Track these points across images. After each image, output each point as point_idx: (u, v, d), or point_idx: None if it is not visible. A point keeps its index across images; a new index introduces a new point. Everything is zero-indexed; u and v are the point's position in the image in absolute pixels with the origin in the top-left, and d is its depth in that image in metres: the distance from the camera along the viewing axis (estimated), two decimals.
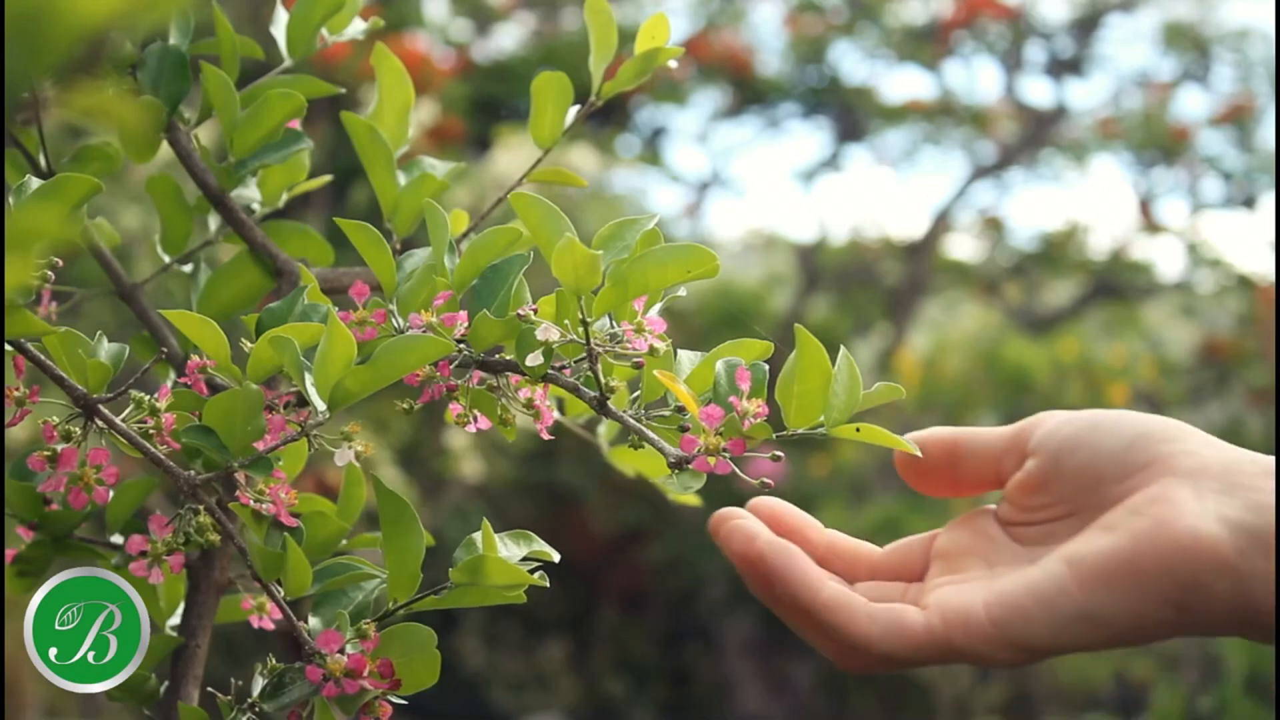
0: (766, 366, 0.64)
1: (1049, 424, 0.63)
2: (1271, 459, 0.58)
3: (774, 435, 0.62)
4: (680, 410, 0.65)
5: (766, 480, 0.63)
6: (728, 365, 0.63)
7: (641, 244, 0.64)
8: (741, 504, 0.66)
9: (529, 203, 0.63)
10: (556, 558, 0.67)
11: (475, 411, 0.68)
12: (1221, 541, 0.56)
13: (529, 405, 0.68)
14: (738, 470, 0.62)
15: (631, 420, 0.65)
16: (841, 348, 0.63)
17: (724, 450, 0.61)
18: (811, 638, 0.63)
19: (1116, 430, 0.60)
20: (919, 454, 0.64)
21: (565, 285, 0.62)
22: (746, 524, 0.63)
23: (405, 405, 0.68)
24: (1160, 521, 0.56)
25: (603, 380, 0.64)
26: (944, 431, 0.65)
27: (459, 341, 0.66)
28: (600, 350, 0.64)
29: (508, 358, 0.67)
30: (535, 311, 0.65)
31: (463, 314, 0.67)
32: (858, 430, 0.62)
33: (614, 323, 0.65)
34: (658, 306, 0.66)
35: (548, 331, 0.64)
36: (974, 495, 0.67)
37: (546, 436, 0.69)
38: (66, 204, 0.64)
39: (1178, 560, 0.56)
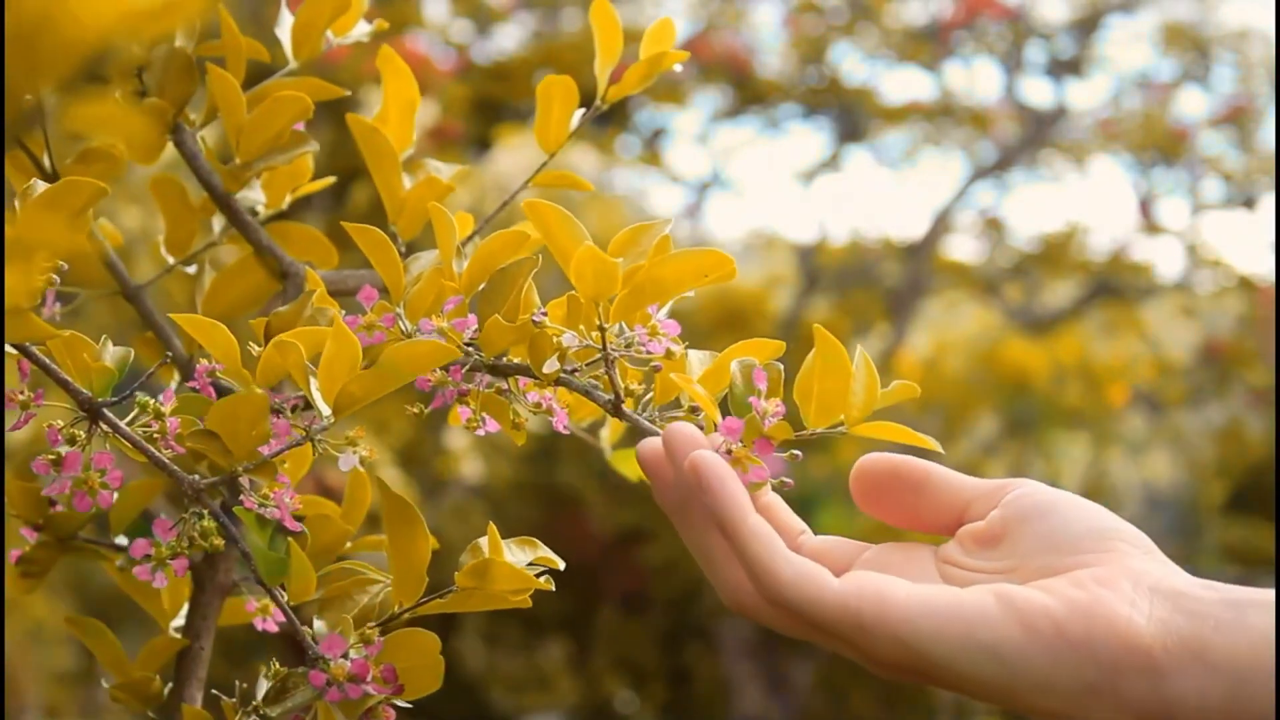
0: (782, 366, 0.63)
1: (1027, 486, 0.63)
2: (1223, 586, 0.58)
3: (794, 435, 0.62)
4: (694, 411, 0.65)
5: (786, 479, 0.63)
6: (743, 365, 0.63)
7: (656, 249, 0.64)
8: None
9: (544, 211, 0.63)
10: (562, 566, 0.67)
11: (484, 415, 0.68)
12: (1150, 637, 0.56)
13: (538, 407, 0.68)
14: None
15: (647, 423, 0.65)
16: (859, 347, 0.63)
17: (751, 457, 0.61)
18: (718, 561, 0.62)
19: (1088, 514, 0.61)
20: (941, 449, 0.63)
21: (584, 293, 0.62)
22: (693, 432, 0.61)
23: (415, 410, 0.68)
24: (1098, 600, 0.57)
25: (619, 384, 0.64)
26: (918, 462, 0.64)
27: (468, 345, 0.66)
28: (616, 355, 0.64)
29: (517, 361, 0.67)
30: (546, 316, 0.65)
31: (472, 318, 0.66)
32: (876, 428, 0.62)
33: (627, 327, 0.65)
34: (667, 309, 0.66)
35: (569, 338, 0.64)
36: (922, 531, 0.65)
37: (564, 430, 0.69)
38: (70, 210, 0.64)
39: (1103, 640, 0.56)
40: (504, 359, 0.67)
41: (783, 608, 0.59)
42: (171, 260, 0.84)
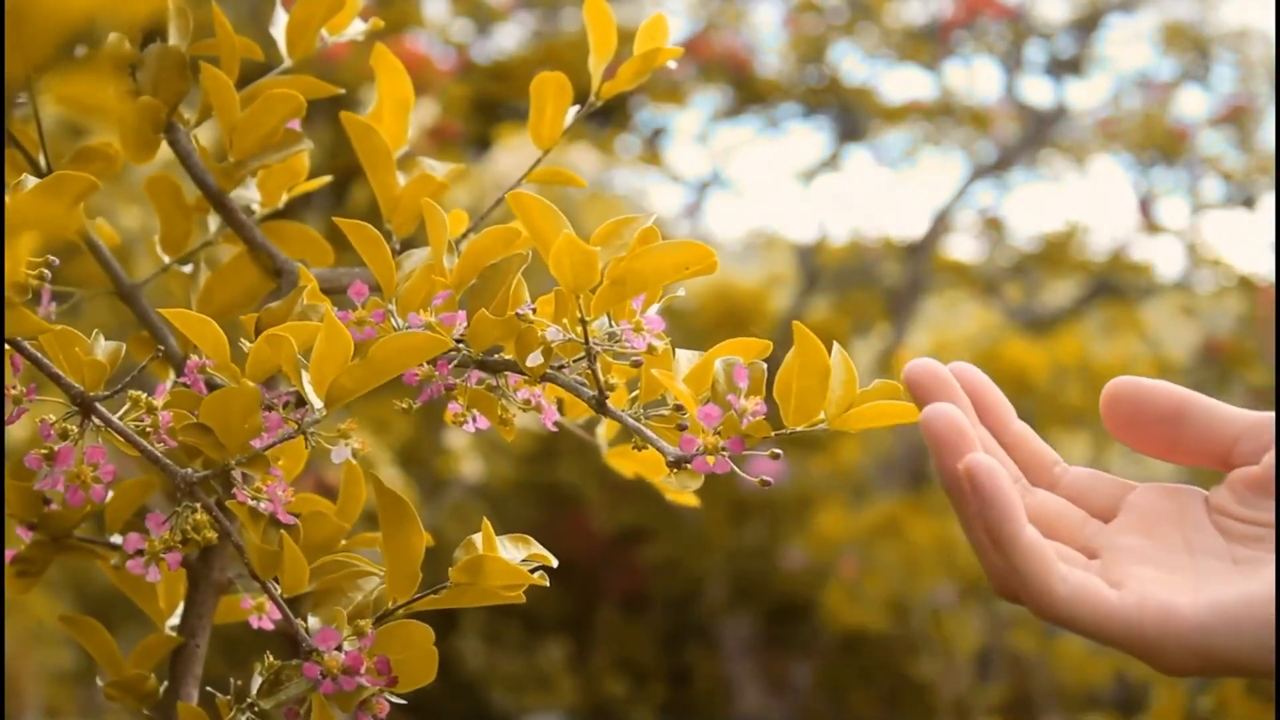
0: (765, 365, 0.64)
1: None
2: None
3: (773, 433, 0.62)
4: (679, 409, 0.65)
5: (767, 479, 0.63)
6: (726, 364, 0.63)
7: (639, 242, 0.64)
8: (740, 504, 0.65)
9: (526, 202, 0.63)
10: (555, 563, 0.67)
11: (474, 411, 0.68)
12: None
13: (527, 404, 0.68)
14: (737, 469, 0.62)
15: (630, 420, 0.65)
16: (835, 344, 0.63)
17: (723, 449, 0.61)
18: (987, 558, 0.60)
19: None
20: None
21: (563, 284, 0.62)
22: (961, 423, 0.59)
23: (405, 405, 0.68)
24: None
25: (602, 379, 0.64)
26: (1175, 388, 0.62)
27: (458, 341, 0.66)
28: (599, 349, 0.64)
29: (506, 357, 0.67)
30: (534, 311, 0.65)
31: (461, 313, 0.67)
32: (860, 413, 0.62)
33: (612, 321, 0.65)
34: (656, 305, 0.66)
35: (553, 332, 0.64)
36: (1189, 464, 0.63)
37: (552, 428, 0.69)
38: (64, 201, 0.64)
39: None
40: (496, 355, 0.67)
41: (1055, 615, 0.58)
42: (167, 259, 0.84)
